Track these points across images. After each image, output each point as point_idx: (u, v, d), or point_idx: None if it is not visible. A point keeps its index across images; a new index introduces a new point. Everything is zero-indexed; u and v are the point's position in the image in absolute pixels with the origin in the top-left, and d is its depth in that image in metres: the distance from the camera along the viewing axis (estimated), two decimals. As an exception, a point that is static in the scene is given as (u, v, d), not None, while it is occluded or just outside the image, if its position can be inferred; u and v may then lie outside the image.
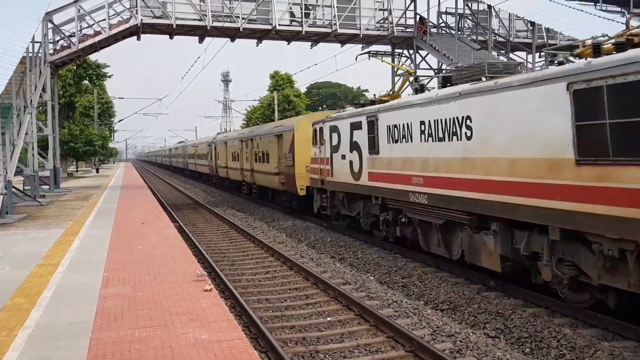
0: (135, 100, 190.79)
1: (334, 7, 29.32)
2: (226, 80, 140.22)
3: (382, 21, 30.90)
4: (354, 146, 17.05)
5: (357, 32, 30.09)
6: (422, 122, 12.94)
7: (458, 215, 11.78)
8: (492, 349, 8.25)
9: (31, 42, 25.76)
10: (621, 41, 8.48)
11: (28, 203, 24.58)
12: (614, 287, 8.48)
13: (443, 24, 33.06)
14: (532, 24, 27.80)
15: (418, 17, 31.34)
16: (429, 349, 7.95)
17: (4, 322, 7.54)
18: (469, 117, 11.22)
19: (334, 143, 18.68)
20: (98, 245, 13.51)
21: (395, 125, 14.30)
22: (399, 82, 21.16)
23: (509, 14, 30.80)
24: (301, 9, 29.18)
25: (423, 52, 31.97)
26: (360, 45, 32.95)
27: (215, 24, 27.92)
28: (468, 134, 11.26)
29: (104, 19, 27.35)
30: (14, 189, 22.88)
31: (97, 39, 27.35)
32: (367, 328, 9.39)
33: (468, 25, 32.90)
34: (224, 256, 16.18)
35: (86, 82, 60.08)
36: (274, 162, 26.76)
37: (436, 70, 33.30)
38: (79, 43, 27.39)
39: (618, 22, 21.31)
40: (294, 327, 9.56)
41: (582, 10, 23.81)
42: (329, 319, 9.96)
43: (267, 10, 28.59)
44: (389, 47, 33.15)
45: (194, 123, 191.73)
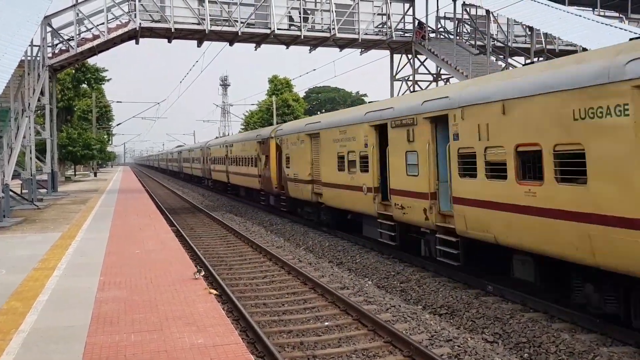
0: (134, 104, 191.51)
1: (332, 11, 29.38)
2: (225, 84, 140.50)
3: (380, 26, 30.96)
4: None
5: (356, 36, 30.14)
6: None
7: None
8: (490, 354, 8.21)
9: (30, 45, 25.78)
10: None
11: (25, 207, 24.52)
12: None
13: (442, 29, 33.13)
14: (531, 29, 27.89)
15: (417, 22, 31.41)
16: (426, 353, 7.90)
17: (-1, 326, 7.50)
18: None
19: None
20: (95, 249, 13.45)
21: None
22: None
23: (508, 19, 30.89)
24: (300, 14, 29.23)
25: (422, 57, 32.03)
26: (359, 50, 33.01)
27: (214, 28, 27.96)
28: None
29: (103, 23, 27.38)
30: (11, 193, 22.82)
31: (96, 42, 27.36)
32: (364, 333, 9.35)
33: (467, 30, 32.98)
34: (221, 260, 16.13)
35: (84, 85, 60.09)
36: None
37: (435, 75, 33.37)
38: (78, 47, 27.38)
39: (616, 27, 21.37)
40: (291, 332, 9.51)
41: (580, 16, 23.88)
42: (326, 323, 9.91)
43: (266, 14, 28.63)
44: (388, 51, 33.22)
45: (193, 127, 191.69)
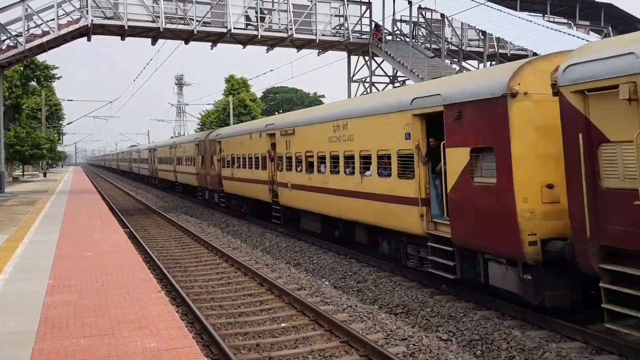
0: (85, 102, 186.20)
1: (290, 12, 29.33)
2: (180, 83, 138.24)
3: (338, 27, 31.10)
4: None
5: (314, 37, 30.18)
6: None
7: None
8: (445, 352, 8.34)
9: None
10: None
11: (-31, 208, 23.52)
12: None
13: (398, 32, 33.54)
14: (484, 33, 28.55)
15: (373, 24, 31.71)
16: (382, 353, 7.96)
17: (-62, 333, 7.14)
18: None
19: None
20: (44, 251, 13.02)
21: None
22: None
23: (462, 23, 31.52)
24: (256, 13, 29.06)
25: (379, 59, 32.34)
26: (317, 51, 33.08)
27: (169, 25, 27.49)
28: None
29: (53, 19, 26.54)
30: (-46, 194, 21.85)
31: (46, 39, 26.49)
32: (321, 333, 9.35)
33: (422, 33, 33.51)
34: (176, 262, 15.85)
35: (34, 83, 58.12)
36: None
37: (391, 77, 33.76)
38: (26, 43, 26.46)
39: (564, 32, 22.08)
40: (247, 334, 9.42)
41: (531, 21, 24.60)
42: (283, 324, 9.87)
43: (222, 13, 28.34)
44: (345, 53, 33.41)
45: (147, 127, 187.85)
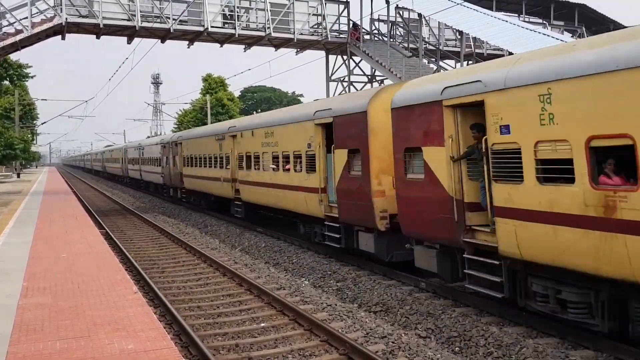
0: (60, 102, 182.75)
1: (267, 10, 29.21)
2: (156, 82, 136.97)
3: (316, 26, 31.08)
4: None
5: (291, 36, 30.09)
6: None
7: None
8: (423, 349, 8.39)
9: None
10: None
11: (-60, 210, 22.99)
12: None
13: (376, 31, 33.64)
14: (460, 33, 28.81)
15: (351, 23, 31.75)
16: (362, 351, 7.98)
17: None
18: None
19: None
20: (18, 253, 12.78)
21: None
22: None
23: (439, 23, 31.74)
24: (231, 11, 28.85)
25: (357, 58, 32.41)
26: (295, 50, 33.02)
27: (145, 24, 27.15)
28: None
29: (26, 17, 26.01)
30: None
31: (18, 37, 25.93)
32: (301, 332, 9.33)
33: (400, 33, 33.65)
34: (153, 263, 15.69)
35: (6, 82, 57.05)
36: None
37: (370, 76, 33.87)
38: (-1, 41, 25.92)
39: (539, 32, 22.38)
40: (226, 334, 9.36)
41: (507, 21, 24.88)
42: (262, 324, 9.83)
43: (199, 11, 28.10)
44: (324, 52, 33.40)
45: (123, 126, 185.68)
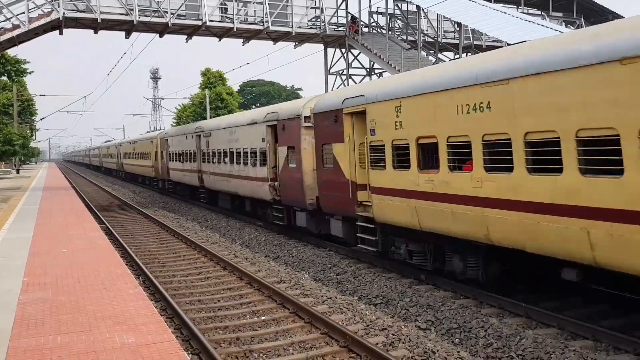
0: (58, 97, 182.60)
1: (265, 4, 29.11)
2: (155, 77, 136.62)
3: (314, 19, 30.98)
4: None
5: (290, 30, 30.00)
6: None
7: None
8: (423, 341, 8.41)
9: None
10: None
11: (-60, 206, 23.00)
12: None
13: (374, 24, 33.54)
14: (459, 25, 28.70)
15: (350, 16, 31.66)
16: (362, 343, 8.01)
17: None
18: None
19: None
20: (18, 249, 12.81)
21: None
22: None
23: (437, 15, 31.62)
24: (224, 4, 28.73)
25: (355, 51, 32.33)
26: (293, 44, 32.93)
27: (143, 18, 27.06)
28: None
29: (23, 12, 25.92)
30: None
31: (16, 33, 25.87)
32: (301, 325, 9.36)
33: (398, 25, 33.54)
34: (154, 258, 15.71)
35: (4, 78, 56.93)
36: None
37: (368, 69, 33.80)
38: (-5, 37, 25.84)
39: (538, 24, 22.33)
40: (227, 328, 9.39)
41: (506, 13, 24.79)
42: (263, 317, 9.86)
43: (197, 5, 28.00)
44: (322, 45, 33.32)
45: (123, 121, 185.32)
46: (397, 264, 12.56)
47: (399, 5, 31.93)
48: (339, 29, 31.51)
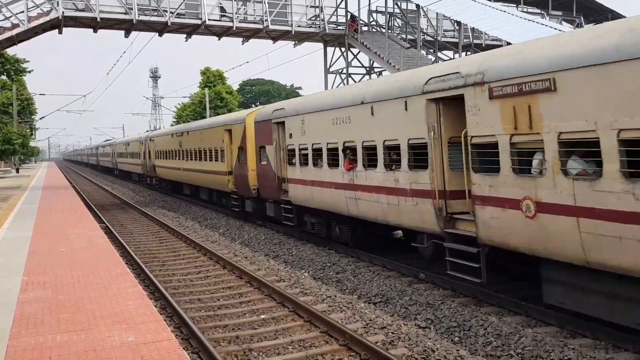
0: (58, 96, 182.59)
1: (264, 3, 29.09)
2: (155, 76, 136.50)
3: (313, 18, 30.96)
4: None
5: (289, 28, 30.00)
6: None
7: None
8: (423, 339, 8.41)
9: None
10: None
11: (-61, 206, 22.99)
12: None
13: (374, 23, 33.52)
14: (459, 23, 28.68)
15: (349, 15, 31.64)
16: (362, 341, 8.01)
17: None
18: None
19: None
20: (17, 248, 12.81)
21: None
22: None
23: (437, 13, 31.59)
24: (221, 3, 28.71)
25: (355, 50, 32.31)
26: (293, 42, 32.92)
27: (142, 17, 27.06)
28: None
29: (22, 11, 25.91)
30: None
31: (15, 32, 25.86)
32: (301, 324, 9.36)
33: (398, 24, 33.53)
34: (154, 257, 15.71)
35: (4, 77, 56.91)
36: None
37: (368, 68, 33.79)
38: (-5, 36, 25.82)
39: (538, 23, 22.31)
40: (227, 326, 9.39)
41: (505, 11, 24.77)
42: (262, 316, 9.86)
43: (197, 4, 27.99)
44: (321, 44, 33.30)
45: (122, 120, 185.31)
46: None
47: (399, 3, 31.92)
48: (339, 27, 31.50)
